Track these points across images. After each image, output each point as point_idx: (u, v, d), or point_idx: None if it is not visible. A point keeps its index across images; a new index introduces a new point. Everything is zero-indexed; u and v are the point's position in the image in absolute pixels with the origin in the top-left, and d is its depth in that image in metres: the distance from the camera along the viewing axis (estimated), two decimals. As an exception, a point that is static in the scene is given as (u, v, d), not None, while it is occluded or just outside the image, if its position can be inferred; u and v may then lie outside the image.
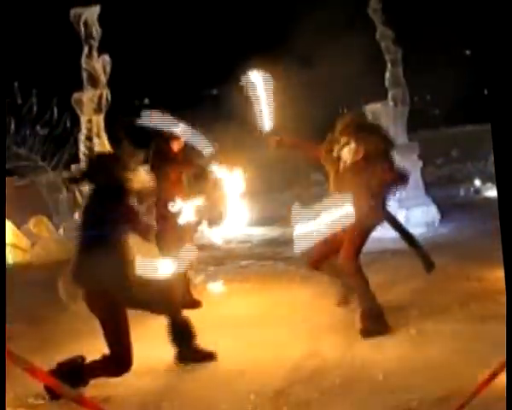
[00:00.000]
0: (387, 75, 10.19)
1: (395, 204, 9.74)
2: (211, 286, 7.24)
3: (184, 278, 6.52)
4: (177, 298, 4.99)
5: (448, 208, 10.33)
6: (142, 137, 6.62)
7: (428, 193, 10.27)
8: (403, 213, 9.55)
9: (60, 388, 3.29)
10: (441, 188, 12.62)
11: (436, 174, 14.54)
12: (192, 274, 6.88)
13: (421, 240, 5.77)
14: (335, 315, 5.63)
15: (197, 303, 6.43)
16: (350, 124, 5.38)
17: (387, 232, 5.82)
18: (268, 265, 8.30)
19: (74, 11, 7.94)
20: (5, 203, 8.40)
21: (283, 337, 5.26)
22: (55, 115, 12.46)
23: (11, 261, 9.95)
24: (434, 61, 16.94)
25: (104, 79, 8.05)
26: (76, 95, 8.09)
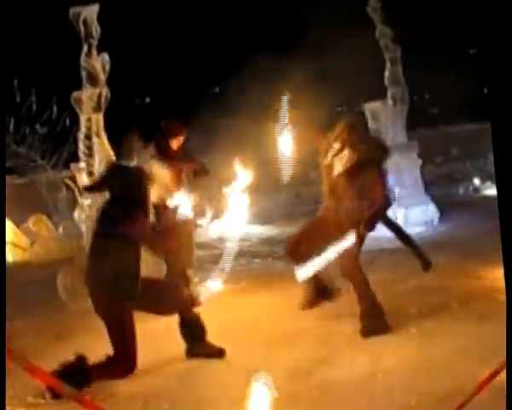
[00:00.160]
0: (387, 74, 10.19)
1: (394, 203, 9.77)
2: (209, 285, 7.24)
3: (184, 277, 6.54)
4: (186, 295, 5.01)
5: (447, 207, 10.34)
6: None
7: (427, 192, 10.27)
8: (402, 211, 9.55)
9: (59, 387, 3.28)
10: (440, 186, 12.63)
11: (435, 173, 14.54)
12: (191, 273, 6.89)
13: (420, 239, 5.78)
14: (334, 314, 5.63)
15: (196, 302, 6.41)
16: (344, 130, 5.33)
17: (386, 231, 5.82)
18: (266, 263, 8.28)
19: (73, 10, 7.92)
20: (5, 202, 8.40)
21: (283, 337, 5.26)
22: (55, 114, 12.44)
23: (10, 260, 9.96)
24: (434, 60, 16.95)
25: (103, 78, 8.03)
26: (75, 93, 8.07)
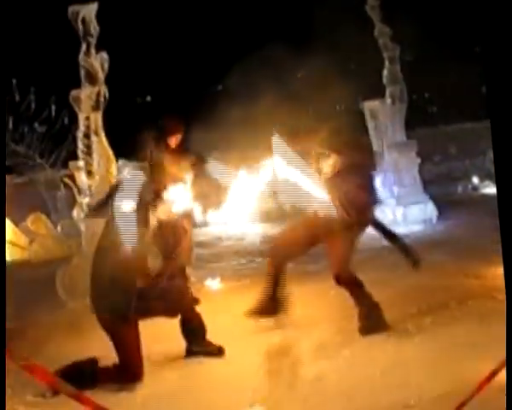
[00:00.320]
0: (385, 72, 10.19)
1: (393, 202, 9.78)
2: (208, 283, 7.25)
3: (183, 275, 6.53)
4: (187, 295, 5.01)
5: (446, 205, 10.34)
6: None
7: (426, 190, 10.27)
8: (400, 210, 9.57)
9: (59, 386, 3.29)
10: (439, 185, 12.62)
11: (434, 171, 14.53)
12: (190, 271, 6.88)
13: (418, 237, 5.77)
14: (333, 313, 5.63)
15: (195, 301, 6.42)
16: (330, 136, 5.25)
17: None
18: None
19: (72, 8, 7.90)
20: (5, 202, 8.39)
21: (282, 336, 5.26)
22: (53, 113, 12.45)
23: (9, 259, 9.94)
24: (433, 59, 16.94)
25: (102, 77, 8.02)
26: (74, 92, 8.05)
